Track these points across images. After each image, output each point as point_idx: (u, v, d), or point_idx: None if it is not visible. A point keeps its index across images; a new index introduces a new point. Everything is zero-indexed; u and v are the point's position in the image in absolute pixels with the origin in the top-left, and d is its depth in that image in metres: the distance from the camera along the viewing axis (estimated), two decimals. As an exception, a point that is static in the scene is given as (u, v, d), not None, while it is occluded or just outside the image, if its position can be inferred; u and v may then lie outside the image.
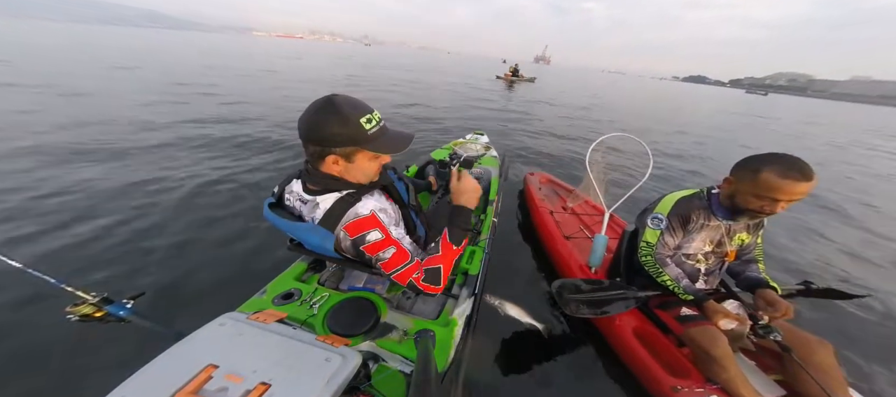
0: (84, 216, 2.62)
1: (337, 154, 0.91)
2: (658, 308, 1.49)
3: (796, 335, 1.24)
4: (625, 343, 1.49)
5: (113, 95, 6.87)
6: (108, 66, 11.01)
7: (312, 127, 0.88)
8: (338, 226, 0.93)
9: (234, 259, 2.24)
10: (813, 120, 20.68)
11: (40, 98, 6.08)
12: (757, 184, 1.11)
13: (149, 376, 0.65)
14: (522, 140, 6.29)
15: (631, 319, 1.52)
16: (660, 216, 1.37)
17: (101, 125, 4.85)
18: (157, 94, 7.20)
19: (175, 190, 3.16)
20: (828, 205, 4.30)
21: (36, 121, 4.72)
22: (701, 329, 1.26)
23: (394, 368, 0.95)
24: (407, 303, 1.30)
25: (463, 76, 21.35)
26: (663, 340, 1.42)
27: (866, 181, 5.90)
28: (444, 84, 15.35)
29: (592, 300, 1.42)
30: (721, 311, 1.26)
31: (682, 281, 1.38)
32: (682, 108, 17.62)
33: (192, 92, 7.87)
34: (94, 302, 0.93)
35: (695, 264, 1.41)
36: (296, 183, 1.03)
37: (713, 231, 1.34)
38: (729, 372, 1.15)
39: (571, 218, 2.54)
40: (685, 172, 5.46)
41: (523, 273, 2.30)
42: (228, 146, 4.57)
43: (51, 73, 8.76)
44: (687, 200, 1.36)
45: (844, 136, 12.71)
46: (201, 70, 12.27)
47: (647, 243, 1.40)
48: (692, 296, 1.33)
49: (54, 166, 3.39)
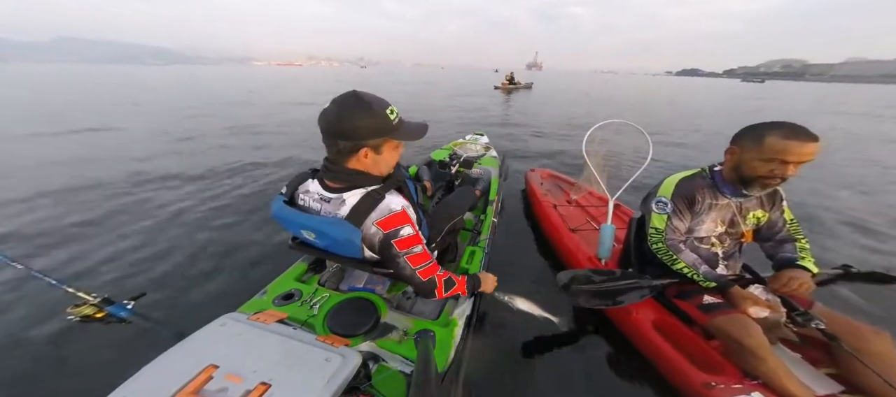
0: (85, 218, 2.62)
1: (369, 146, 0.91)
2: (677, 297, 1.38)
3: (845, 323, 1.10)
4: (645, 337, 1.38)
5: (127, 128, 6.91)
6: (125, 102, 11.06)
7: (345, 121, 0.87)
8: (366, 221, 0.92)
9: (234, 260, 2.24)
10: (838, 107, 16.81)
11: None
12: (762, 148, 1.06)
13: (149, 376, 0.65)
14: (525, 142, 6.30)
15: (649, 311, 1.42)
16: (663, 199, 1.30)
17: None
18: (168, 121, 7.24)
19: (175, 190, 3.17)
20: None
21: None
22: (729, 317, 1.14)
23: (394, 368, 0.95)
24: (407, 304, 1.30)
25: (458, 90, 20.92)
26: (687, 332, 1.31)
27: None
28: (441, 101, 14.62)
29: (603, 290, 1.33)
30: (749, 297, 1.15)
31: (701, 267, 1.27)
32: (686, 103, 17.10)
33: (201, 114, 7.89)
34: (95, 303, 0.93)
35: (710, 248, 1.32)
36: (311, 183, 1.02)
37: (723, 210, 1.26)
38: (767, 364, 1.03)
39: (576, 210, 2.48)
40: (689, 157, 5.34)
41: (531, 270, 2.24)
42: (230, 151, 4.58)
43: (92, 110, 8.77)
44: (689, 180, 1.29)
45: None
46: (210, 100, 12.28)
47: (655, 229, 1.32)
48: (714, 283, 1.22)
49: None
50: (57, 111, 8.62)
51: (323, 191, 0.98)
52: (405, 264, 0.96)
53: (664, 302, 1.42)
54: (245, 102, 11.43)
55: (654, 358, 1.38)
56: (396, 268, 0.99)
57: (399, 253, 0.95)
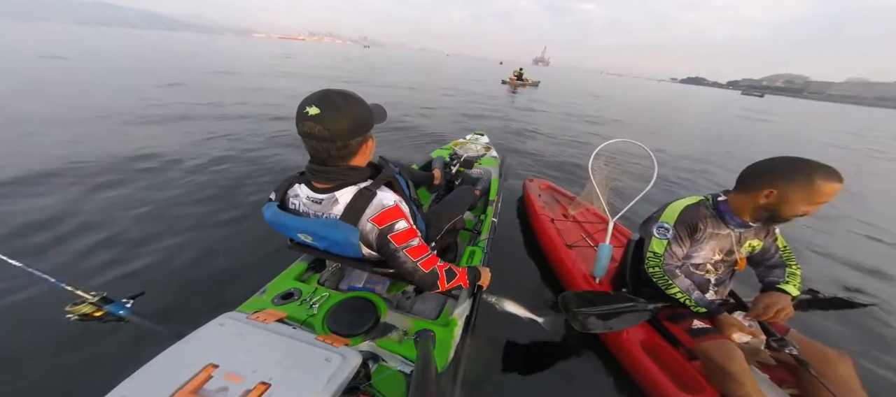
0: (85, 218, 2.61)
1: (370, 138, 0.96)
2: (667, 320, 1.45)
3: (813, 348, 1.19)
4: (632, 355, 1.45)
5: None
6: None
7: (354, 120, 0.88)
8: (361, 219, 0.93)
9: (233, 258, 2.24)
10: (863, 130, 17.16)
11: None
12: (813, 191, 1.06)
13: (149, 376, 0.65)
14: (526, 145, 6.30)
15: (638, 331, 1.48)
16: (665, 225, 1.33)
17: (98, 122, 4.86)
18: (156, 97, 7.24)
19: (175, 191, 3.16)
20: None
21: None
22: (716, 343, 1.21)
23: (394, 368, 0.95)
24: (407, 303, 1.30)
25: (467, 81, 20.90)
26: (672, 353, 1.38)
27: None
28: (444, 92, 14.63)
29: (602, 313, 1.36)
30: (735, 324, 1.23)
31: (694, 292, 1.33)
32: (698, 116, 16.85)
33: (195, 100, 7.87)
34: (93, 302, 0.93)
35: (705, 274, 1.37)
36: (299, 187, 1.01)
37: (722, 240, 1.30)
38: (745, 389, 1.11)
39: (573, 225, 2.52)
40: (692, 178, 5.29)
41: (524, 276, 2.29)
42: (228, 146, 4.57)
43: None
44: (693, 209, 1.31)
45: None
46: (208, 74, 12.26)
47: (653, 253, 1.35)
48: (705, 309, 1.30)
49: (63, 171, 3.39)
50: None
51: (313, 194, 0.98)
52: (406, 258, 0.97)
53: (654, 323, 1.48)
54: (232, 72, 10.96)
55: (639, 376, 1.44)
56: (397, 264, 0.98)
57: (398, 247, 0.95)
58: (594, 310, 1.35)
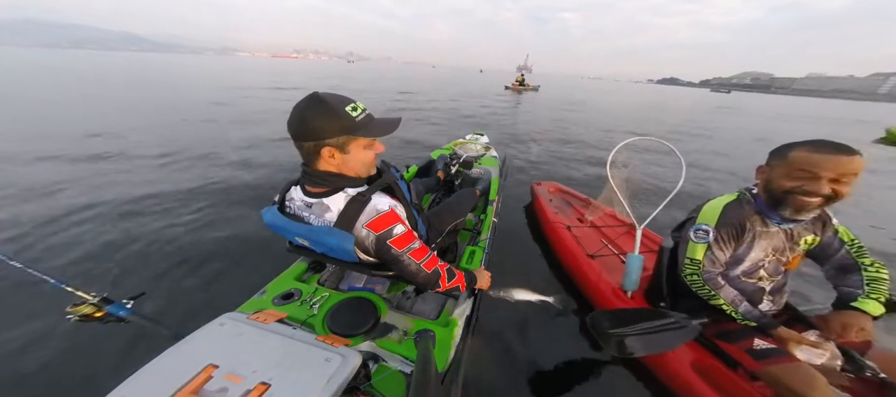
0: (85, 217, 2.62)
1: (331, 146, 0.89)
2: (718, 338, 1.27)
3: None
4: (682, 378, 1.27)
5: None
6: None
7: (303, 123, 0.87)
8: (356, 225, 0.92)
9: (233, 259, 2.24)
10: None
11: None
12: (787, 163, 1.00)
13: (149, 376, 0.65)
14: (526, 145, 6.29)
15: (686, 350, 1.31)
16: (704, 227, 1.17)
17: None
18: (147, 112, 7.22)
19: (175, 191, 3.16)
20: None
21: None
22: (790, 367, 1.04)
23: (394, 368, 0.95)
24: (407, 303, 1.30)
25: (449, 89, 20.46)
26: (729, 375, 1.20)
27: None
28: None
29: (642, 332, 1.18)
30: (795, 338, 1.07)
31: (741, 304, 1.16)
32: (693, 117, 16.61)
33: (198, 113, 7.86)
34: (94, 303, 0.93)
35: (757, 282, 1.19)
36: (295, 190, 1.02)
37: (773, 238, 1.14)
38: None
39: (592, 232, 2.30)
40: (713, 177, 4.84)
41: (532, 271, 2.24)
42: (228, 149, 4.57)
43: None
44: (736, 206, 1.15)
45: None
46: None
47: (691, 260, 1.19)
48: (755, 322, 1.14)
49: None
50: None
51: (305, 197, 0.98)
52: (410, 260, 0.97)
53: (701, 339, 1.31)
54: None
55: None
56: (401, 267, 0.98)
57: (400, 252, 0.95)
58: (633, 331, 1.18)
